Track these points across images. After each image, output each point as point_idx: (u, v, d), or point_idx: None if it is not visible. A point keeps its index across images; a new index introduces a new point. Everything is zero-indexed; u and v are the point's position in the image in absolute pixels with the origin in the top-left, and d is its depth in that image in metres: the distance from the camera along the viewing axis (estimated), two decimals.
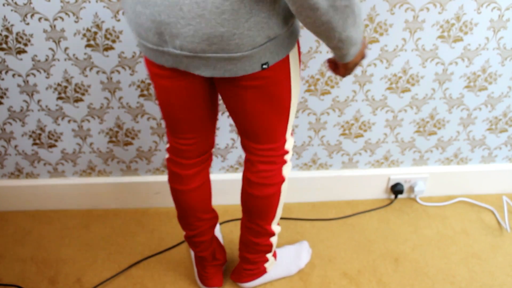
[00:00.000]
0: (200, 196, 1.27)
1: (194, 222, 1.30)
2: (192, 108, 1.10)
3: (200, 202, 1.28)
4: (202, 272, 1.44)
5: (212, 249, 1.40)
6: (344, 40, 0.89)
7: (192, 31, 0.88)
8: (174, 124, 1.14)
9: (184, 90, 1.05)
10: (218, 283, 1.45)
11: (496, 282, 1.50)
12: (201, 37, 0.88)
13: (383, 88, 1.54)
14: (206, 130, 1.17)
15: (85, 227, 1.70)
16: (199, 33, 0.88)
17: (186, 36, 0.89)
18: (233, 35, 0.87)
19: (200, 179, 1.25)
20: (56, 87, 1.48)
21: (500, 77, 1.55)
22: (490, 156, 1.76)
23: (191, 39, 0.89)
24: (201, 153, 1.22)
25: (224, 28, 0.86)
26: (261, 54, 0.93)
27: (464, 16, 1.40)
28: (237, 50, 0.90)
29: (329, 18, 0.82)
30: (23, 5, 1.31)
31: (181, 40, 0.90)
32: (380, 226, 1.70)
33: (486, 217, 1.74)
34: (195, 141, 1.18)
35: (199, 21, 0.86)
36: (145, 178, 1.72)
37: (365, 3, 1.35)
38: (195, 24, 0.87)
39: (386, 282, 1.50)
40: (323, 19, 0.82)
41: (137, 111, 1.55)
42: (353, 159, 1.73)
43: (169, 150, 1.23)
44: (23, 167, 1.68)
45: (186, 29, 0.88)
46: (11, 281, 1.51)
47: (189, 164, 1.22)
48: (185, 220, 1.31)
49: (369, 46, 1.44)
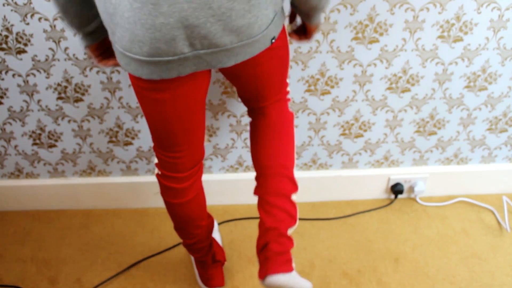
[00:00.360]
0: (196, 205, 1.26)
1: (193, 231, 1.29)
2: (190, 115, 1.09)
3: (197, 211, 1.27)
4: (203, 274, 1.44)
5: (212, 252, 1.40)
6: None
7: (223, 25, 0.89)
8: (167, 138, 1.12)
9: (183, 97, 1.03)
10: (220, 283, 1.45)
11: (496, 282, 1.50)
12: (230, 29, 0.91)
13: (383, 88, 1.54)
14: (199, 140, 1.16)
15: (85, 227, 1.70)
16: (229, 26, 0.90)
17: (216, 33, 0.90)
18: (257, 18, 0.92)
19: (195, 190, 1.23)
20: (56, 87, 1.48)
21: (500, 77, 1.55)
22: (490, 156, 1.76)
23: (220, 34, 0.91)
24: (194, 164, 1.20)
25: (251, 14, 0.91)
26: (271, 29, 0.98)
27: (464, 16, 1.40)
28: (258, 32, 0.95)
29: None
30: (23, 5, 1.31)
31: (210, 39, 0.90)
32: (380, 226, 1.70)
33: (486, 217, 1.74)
34: (187, 152, 1.16)
35: (229, 14, 0.88)
36: (145, 178, 1.72)
37: (365, 3, 1.35)
38: (226, 18, 0.89)
39: (386, 282, 1.50)
40: None
41: (137, 111, 1.55)
42: (353, 159, 1.73)
43: (159, 165, 1.20)
44: (23, 167, 1.68)
45: (216, 25, 0.89)
46: (11, 281, 1.51)
47: (183, 177, 1.19)
48: (183, 230, 1.30)
49: (369, 46, 1.44)
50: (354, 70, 1.49)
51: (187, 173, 1.20)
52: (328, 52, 1.45)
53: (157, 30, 0.88)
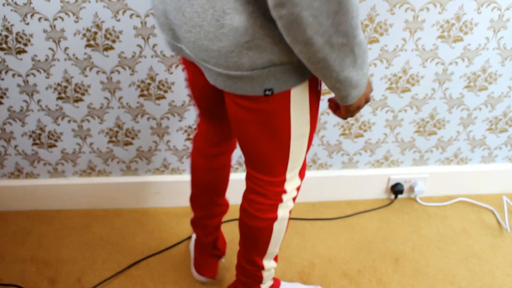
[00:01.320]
0: (220, 177, 1.29)
1: (208, 204, 1.32)
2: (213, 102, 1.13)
3: (219, 184, 1.30)
4: (199, 259, 1.42)
5: (215, 235, 1.41)
6: (342, 81, 0.82)
7: (193, 38, 0.85)
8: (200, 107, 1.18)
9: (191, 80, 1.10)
10: (213, 274, 1.44)
11: (496, 282, 1.50)
12: (200, 47, 0.85)
13: (383, 88, 1.54)
14: None
15: (85, 227, 1.70)
16: (198, 42, 0.85)
17: (188, 42, 0.87)
18: (231, 52, 0.81)
19: (223, 160, 1.27)
20: (56, 87, 1.48)
21: (500, 77, 1.55)
22: (490, 156, 1.76)
23: (193, 45, 0.87)
24: (229, 137, 1.25)
25: (222, 43, 0.81)
26: (264, 78, 0.86)
27: (464, 16, 1.40)
28: (236, 68, 0.84)
29: (325, 56, 0.76)
30: (23, 5, 1.31)
31: (185, 44, 0.89)
32: (380, 226, 1.70)
33: (486, 217, 1.74)
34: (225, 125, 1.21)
35: (199, 30, 0.83)
36: (145, 178, 1.72)
37: (365, 3, 1.35)
38: (195, 33, 0.84)
39: (386, 282, 1.50)
40: (318, 56, 0.76)
41: (137, 111, 1.55)
42: (353, 159, 1.73)
43: (199, 127, 1.27)
44: (23, 167, 1.68)
45: (188, 35, 0.86)
46: (11, 281, 1.51)
47: (217, 141, 1.24)
48: (198, 200, 1.33)
49: (369, 46, 1.44)
50: None
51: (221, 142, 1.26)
52: None
53: (155, 9, 0.95)
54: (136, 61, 1.44)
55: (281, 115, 0.93)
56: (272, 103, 0.91)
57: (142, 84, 1.49)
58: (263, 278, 1.27)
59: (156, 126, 1.59)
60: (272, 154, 1.01)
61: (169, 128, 1.60)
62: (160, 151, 1.66)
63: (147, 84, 1.49)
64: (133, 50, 1.41)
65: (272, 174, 1.06)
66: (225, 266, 1.55)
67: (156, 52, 1.42)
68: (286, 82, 0.87)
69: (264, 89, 0.87)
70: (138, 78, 1.47)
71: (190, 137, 1.63)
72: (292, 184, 1.09)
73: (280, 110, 0.92)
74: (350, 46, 0.76)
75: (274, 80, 0.86)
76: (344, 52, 0.76)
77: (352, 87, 0.85)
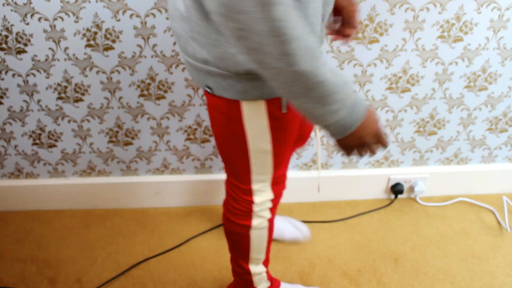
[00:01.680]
0: None
1: None
2: None
3: None
4: None
5: None
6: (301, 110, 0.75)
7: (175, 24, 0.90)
8: None
9: None
10: None
11: (496, 282, 1.50)
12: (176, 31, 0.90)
13: (383, 88, 1.54)
14: None
15: (85, 227, 1.70)
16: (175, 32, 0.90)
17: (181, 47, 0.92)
18: (184, 36, 0.86)
19: None
20: (56, 87, 1.48)
21: (500, 77, 1.55)
22: (490, 156, 1.76)
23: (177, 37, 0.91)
24: None
25: (182, 29, 0.86)
26: (205, 74, 0.87)
27: (464, 16, 1.40)
28: (187, 54, 0.88)
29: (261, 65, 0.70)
30: (23, 5, 1.31)
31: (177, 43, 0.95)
32: (380, 226, 1.70)
33: (486, 217, 1.74)
34: None
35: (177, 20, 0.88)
36: (145, 178, 1.72)
37: (365, 3, 1.35)
38: (175, 24, 0.89)
39: (386, 282, 1.50)
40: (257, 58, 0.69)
41: (137, 111, 1.55)
42: (353, 159, 1.73)
43: None
44: (23, 167, 1.68)
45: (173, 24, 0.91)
46: (11, 281, 1.51)
47: None
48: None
49: (369, 46, 1.44)
50: (354, 70, 1.49)
51: None
52: (328, 52, 1.45)
53: None
54: (136, 61, 1.44)
55: (235, 122, 0.92)
56: (225, 106, 0.91)
57: (142, 84, 1.49)
58: (253, 282, 1.29)
59: (156, 126, 1.59)
60: (236, 160, 1.01)
61: (169, 128, 1.60)
62: (160, 151, 1.66)
63: (147, 84, 1.49)
64: (133, 50, 1.41)
65: (239, 180, 1.05)
66: (225, 266, 1.55)
67: (156, 52, 1.42)
68: (226, 90, 0.86)
69: (205, 85, 0.89)
70: (138, 78, 1.47)
71: (190, 137, 1.63)
72: (263, 196, 1.07)
73: (234, 117, 0.92)
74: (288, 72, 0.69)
75: (212, 82, 0.87)
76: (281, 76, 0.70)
77: (320, 120, 0.77)
